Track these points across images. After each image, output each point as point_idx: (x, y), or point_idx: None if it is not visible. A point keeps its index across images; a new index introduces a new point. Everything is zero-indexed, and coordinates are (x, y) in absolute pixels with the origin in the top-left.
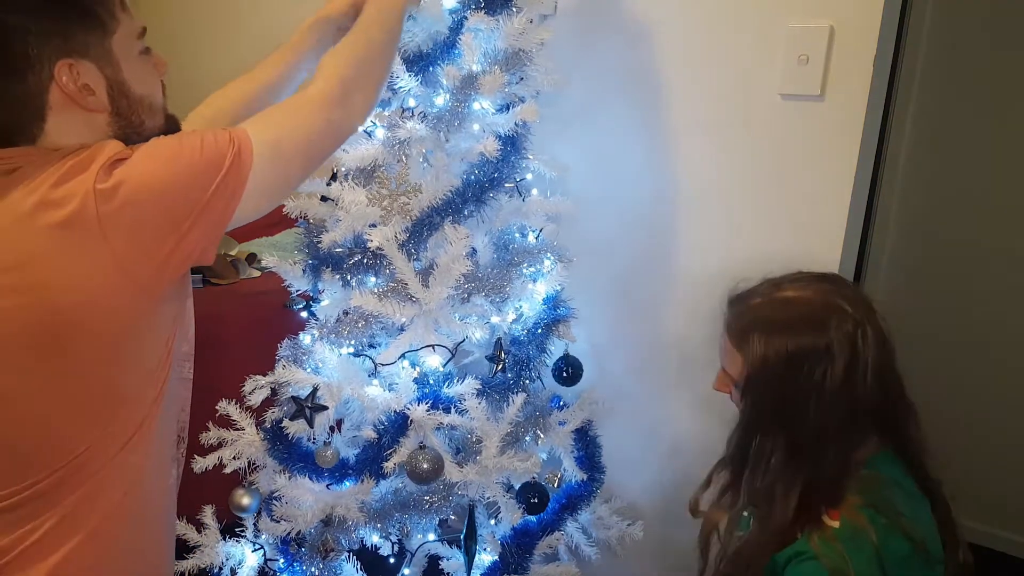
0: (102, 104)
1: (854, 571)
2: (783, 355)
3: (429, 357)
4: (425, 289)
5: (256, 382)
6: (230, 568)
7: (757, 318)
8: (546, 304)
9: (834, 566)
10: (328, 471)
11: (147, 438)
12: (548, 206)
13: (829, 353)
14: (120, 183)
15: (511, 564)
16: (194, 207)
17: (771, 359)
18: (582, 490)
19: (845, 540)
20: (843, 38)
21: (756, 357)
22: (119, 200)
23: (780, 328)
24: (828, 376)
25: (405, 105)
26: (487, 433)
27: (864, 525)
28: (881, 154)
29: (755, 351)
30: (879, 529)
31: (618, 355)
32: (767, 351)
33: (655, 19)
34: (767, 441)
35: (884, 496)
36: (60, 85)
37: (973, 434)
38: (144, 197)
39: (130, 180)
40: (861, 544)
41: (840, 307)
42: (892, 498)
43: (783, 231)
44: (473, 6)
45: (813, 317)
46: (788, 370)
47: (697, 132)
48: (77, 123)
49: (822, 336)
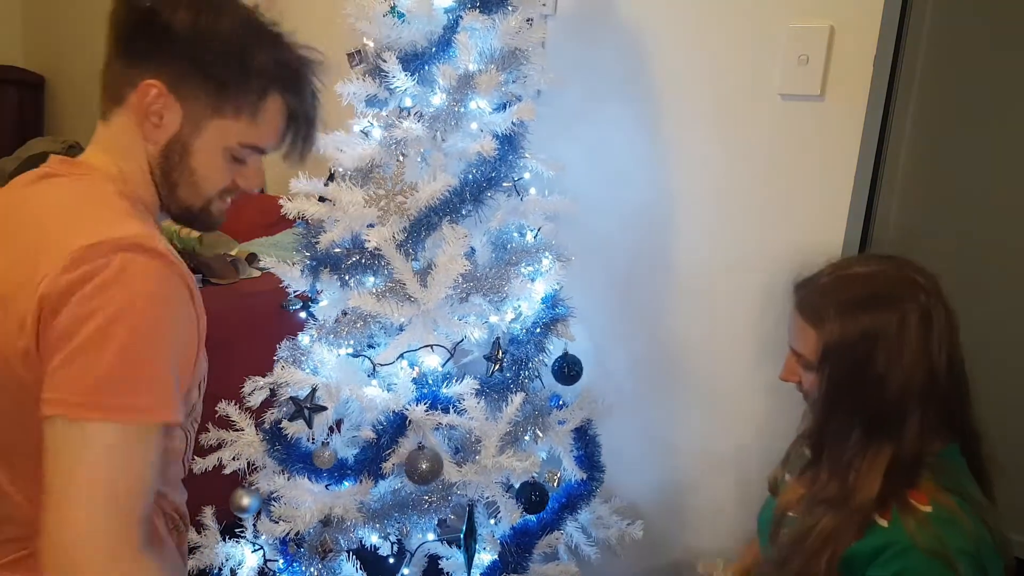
0: (155, 140)
1: (954, 557)
2: (861, 325)
3: (428, 357)
4: (423, 289)
5: (255, 383)
6: (230, 568)
7: (831, 292)
8: (545, 303)
9: (933, 551)
10: (327, 471)
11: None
12: (546, 205)
13: (905, 323)
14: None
15: (511, 563)
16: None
17: (849, 330)
18: (582, 489)
19: (941, 524)
20: (843, 38)
21: (834, 329)
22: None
23: (856, 300)
24: (906, 346)
25: (402, 105)
26: (486, 433)
27: (956, 510)
28: (881, 154)
29: (832, 323)
30: (966, 511)
31: (618, 354)
32: (845, 322)
33: (655, 19)
34: (847, 416)
35: (963, 483)
36: (137, 93)
37: None
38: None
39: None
40: (957, 529)
41: (914, 280)
42: (970, 487)
43: (783, 231)
44: (468, 5)
45: (888, 289)
46: (866, 340)
47: (697, 132)
48: (132, 134)
49: (898, 306)
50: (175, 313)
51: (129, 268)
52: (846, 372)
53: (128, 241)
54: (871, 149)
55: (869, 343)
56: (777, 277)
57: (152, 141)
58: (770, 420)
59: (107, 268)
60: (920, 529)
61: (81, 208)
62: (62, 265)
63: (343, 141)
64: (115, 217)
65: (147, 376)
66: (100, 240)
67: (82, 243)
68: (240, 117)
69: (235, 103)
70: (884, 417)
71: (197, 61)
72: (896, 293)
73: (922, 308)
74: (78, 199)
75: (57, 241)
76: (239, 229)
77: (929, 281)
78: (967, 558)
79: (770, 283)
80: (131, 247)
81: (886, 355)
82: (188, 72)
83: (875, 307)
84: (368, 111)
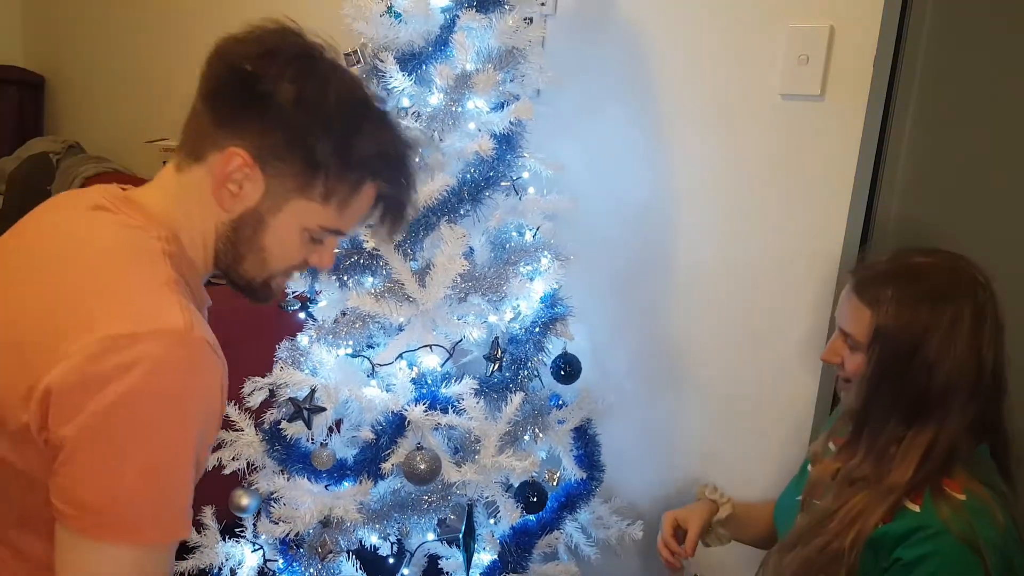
0: (230, 208)
1: (984, 544)
2: (917, 313)
3: (427, 357)
4: (422, 289)
5: (255, 383)
6: (230, 568)
7: (891, 276)
8: (543, 303)
9: (964, 537)
10: (326, 472)
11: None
12: (545, 204)
13: (960, 316)
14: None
15: (510, 563)
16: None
17: (905, 315)
18: (581, 489)
19: (974, 513)
20: (843, 38)
21: (889, 312)
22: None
23: (916, 287)
24: (958, 339)
25: (399, 105)
26: (485, 433)
27: (989, 501)
28: (881, 154)
29: (888, 306)
30: (998, 503)
31: (617, 353)
32: (901, 307)
33: (655, 19)
34: (890, 400)
35: (995, 480)
36: (220, 157)
37: None
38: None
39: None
40: (989, 520)
41: (973, 276)
42: (996, 479)
43: (783, 231)
44: (465, 4)
45: (948, 281)
46: (920, 328)
47: (697, 131)
48: (205, 195)
49: (955, 300)
50: (207, 410)
51: (161, 368)
52: (896, 356)
53: (164, 333)
54: (871, 149)
55: (922, 331)
56: (777, 277)
57: (226, 209)
58: (770, 420)
59: (137, 366)
60: (954, 515)
61: (123, 271)
62: (89, 352)
63: None
64: (156, 295)
65: (169, 495)
66: (134, 331)
67: (116, 331)
68: (329, 203)
69: (326, 188)
70: (926, 405)
71: (294, 139)
72: (955, 286)
73: (977, 305)
74: (121, 256)
75: (90, 313)
76: None
77: (986, 280)
78: (996, 551)
79: (770, 283)
80: (167, 340)
81: (937, 345)
82: (282, 148)
83: (933, 298)
84: None
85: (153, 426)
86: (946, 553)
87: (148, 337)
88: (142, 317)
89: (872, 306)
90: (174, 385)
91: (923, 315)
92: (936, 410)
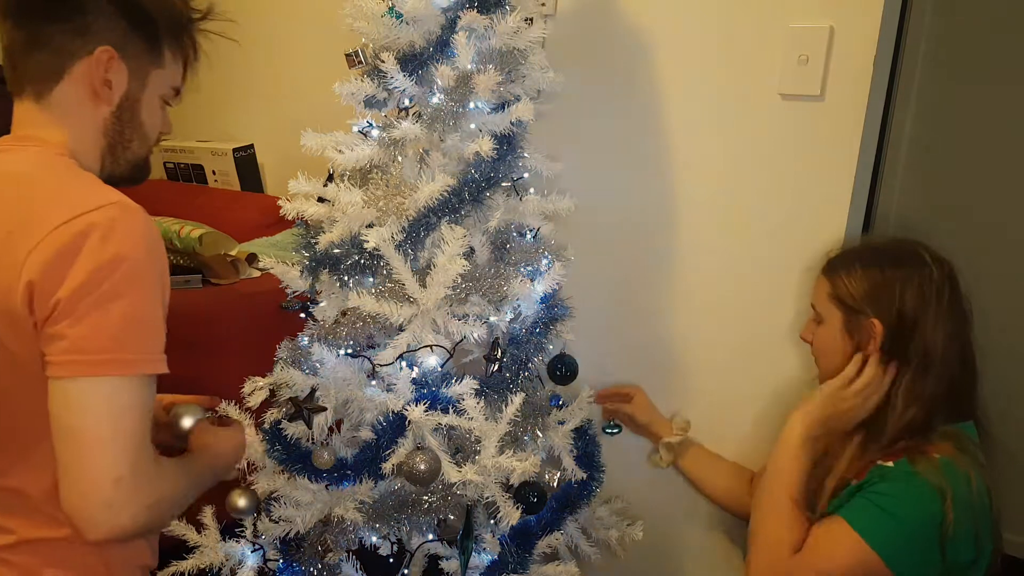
0: (110, 100)
1: (952, 496)
2: (870, 273)
3: (427, 357)
4: (422, 289)
5: (255, 383)
6: (230, 568)
7: (851, 252)
8: (544, 303)
9: (934, 484)
10: (326, 472)
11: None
12: (546, 205)
13: (910, 280)
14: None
15: (510, 563)
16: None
17: (855, 277)
18: (582, 490)
19: (948, 471)
20: (843, 38)
21: (844, 277)
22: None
23: (869, 256)
24: (905, 301)
25: (400, 105)
26: (485, 433)
27: (969, 468)
28: (881, 154)
29: (844, 272)
30: (975, 470)
31: (618, 354)
32: (852, 272)
33: (655, 19)
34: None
35: (972, 448)
36: (91, 63)
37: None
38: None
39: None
40: (964, 481)
41: (922, 254)
42: (978, 452)
43: (783, 231)
44: (466, 5)
45: (900, 250)
46: (869, 285)
47: (697, 132)
48: (81, 104)
49: (905, 264)
50: (163, 261)
51: (120, 227)
52: (848, 317)
53: (115, 203)
54: (871, 149)
55: (872, 290)
56: (777, 277)
57: (107, 102)
58: (771, 421)
59: (95, 231)
60: (928, 467)
61: (52, 180)
62: (52, 239)
63: (342, 141)
64: (88, 185)
65: (150, 332)
66: (84, 211)
67: (69, 215)
68: (176, 62)
69: (171, 51)
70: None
71: (134, 20)
72: (906, 257)
73: (925, 276)
74: (45, 172)
75: (41, 211)
76: (239, 229)
77: (941, 261)
78: (963, 508)
79: (770, 283)
80: (119, 207)
81: (885, 306)
82: (127, 31)
83: (883, 263)
84: (366, 111)
85: (127, 276)
86: (912, 493)
87: (97, 212)
88: (87, 200)
89: (830, 276)
90: (134, 243)
91: (874, 278)
92: (919, 371)
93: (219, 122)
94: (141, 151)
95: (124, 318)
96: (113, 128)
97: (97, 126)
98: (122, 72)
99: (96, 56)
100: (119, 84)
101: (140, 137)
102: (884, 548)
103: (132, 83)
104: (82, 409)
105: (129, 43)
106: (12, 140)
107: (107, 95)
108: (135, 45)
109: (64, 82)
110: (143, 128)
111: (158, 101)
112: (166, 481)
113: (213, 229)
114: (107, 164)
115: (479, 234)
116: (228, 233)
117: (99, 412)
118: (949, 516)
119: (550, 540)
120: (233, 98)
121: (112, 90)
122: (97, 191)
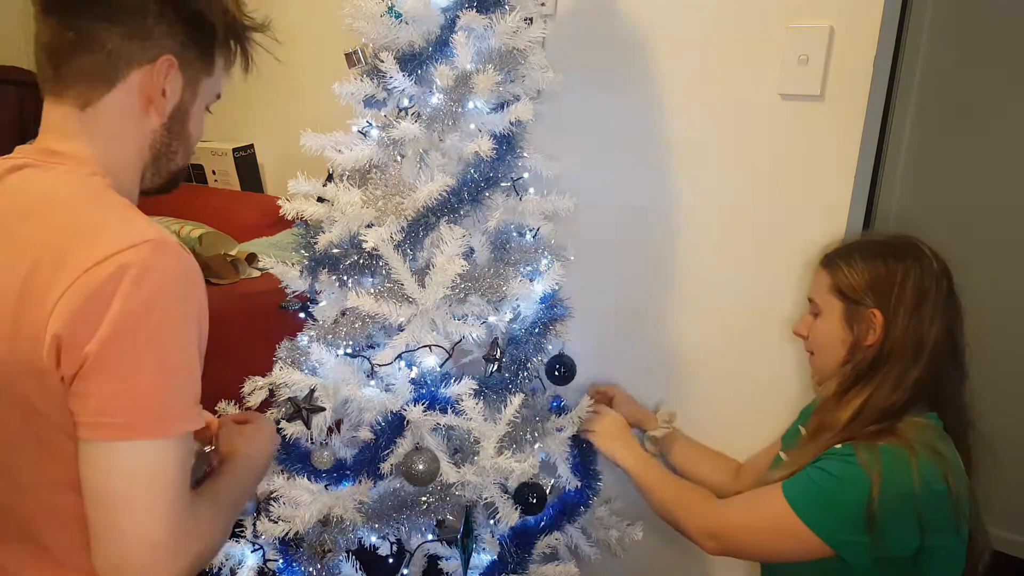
0: (162, 112)
1: (881, 475)
2: (870, 265)
3: (426, 357)
4: (422, 289)
5: (255, 383)
6: (229, 568)
7: (849, 246)
8: (543, 303)
9: (866, 465)
10: (326, 472)
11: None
12: (545, 205)
13: (908, 273)
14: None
15: (510, 564)
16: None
17: (856, 269)
18: (578, 498)
19: (884, 452)
20: (843, 38)
21: (844, 269)
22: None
23: (867, 249)
24: (903, 293)
25: (400, 105)
26: (484, 433)
27: (910, 451)
28: (881, 154)
29: (843, 264)
30: (921, 458)
31: (617, 354)
32: (852, 264)
33: (655, 19)
34: (846, 355)
35: (930, 438)
36: (151, 72)
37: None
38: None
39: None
40: (899, 461)
41: (920, 248)
42: (937, 442)
43: (783, 231)
44: (465, 5)
45: (897, 245)
46: (870, 277)
47: (697, 132)
48: (129, 114)
49: (903, 257)
50: (200, 297)
51: (153, 268)
52: (847, 309)
53: (149, 240)
54: (871, 149)
55: (871, 283)
56: (776, 277)
57: (160, 115)
58: (771, 420)
59: (127, 274)
60: (865, 452)
61: (82, 212)
62: (81, 284)
63: (341, 141)
64: (121, 219)
65: (184, 387)
66: (115, 251)
67: (98, 258)
68: (226, 69)
69: (223, 59)
70: (874, 362)
71: (191, 26)
72: (903, 251)
73: (923, 269)
74: (74, 201)
75: (71, 247)
76: (239, 229)
77: (936, 256)
78: (898, 497)
79: (769, 283)
80: (153, 246)
81: (882, 298)
82: (185, 37)
83: (882, 256)
84: (366, 111)
85: (160, 324)
86: (843, 462)
87: (131, 251)
88: (118, 237)
89: (829, 268)
90: (167, 286)
91: (876, 269)
92: (881, 367)
93: (219, 122)
94: (183, 162)
95: (155, 373)
96: (161, 140)
97: (144, 138)
98: (178, 82)
99: (159, 65)
100: (173, 94)
101: (185, 148)
102: (804, 512)
103: (185, 93)
104: (111, 473)
105: (186, 50)
106: (39, 154)
107: (161, 106)
108: (191, 52)
109: (117, 90)
110: (189, 139)
111: (203, 109)
112: (206, 528)
113: (213, 229)
114: (147, 177)
115: (478, 234)
116: (228, 233)
117: (129, 476)
118: (875, 498)
119: (549, 540)
120: (233, 98)
121: (166, 100)
122: (131, 226)
